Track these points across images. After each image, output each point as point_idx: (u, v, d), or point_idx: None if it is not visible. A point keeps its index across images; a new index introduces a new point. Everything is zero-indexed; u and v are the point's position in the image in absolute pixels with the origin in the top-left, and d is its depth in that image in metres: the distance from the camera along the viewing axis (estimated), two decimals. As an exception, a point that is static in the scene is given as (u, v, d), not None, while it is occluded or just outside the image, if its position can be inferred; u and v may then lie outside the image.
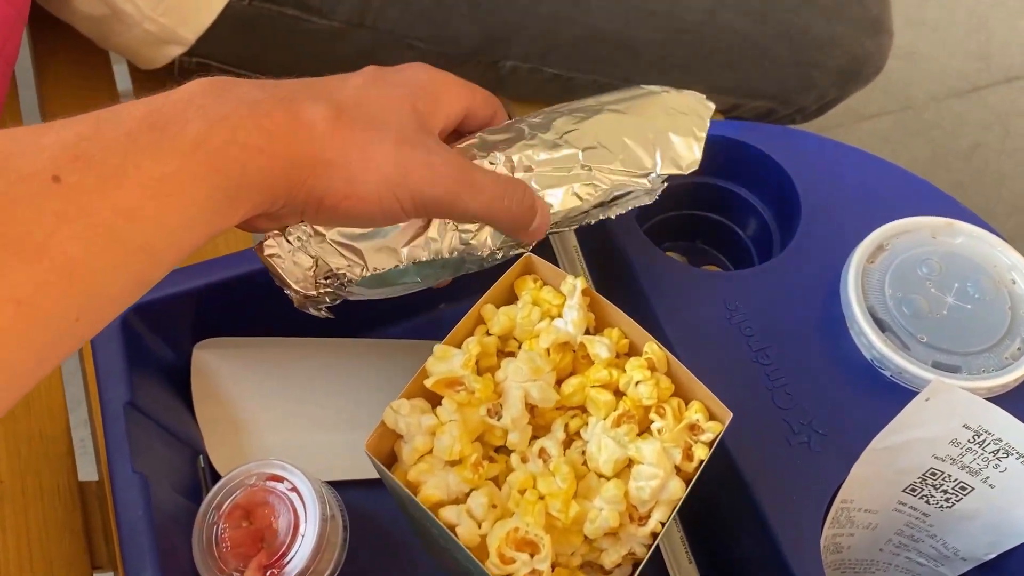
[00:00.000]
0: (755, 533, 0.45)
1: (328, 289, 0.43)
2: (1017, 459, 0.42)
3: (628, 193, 0.45)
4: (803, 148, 0.56)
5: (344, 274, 0.42)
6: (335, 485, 0.51)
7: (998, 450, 0.43)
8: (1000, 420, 0.42)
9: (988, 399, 0.47)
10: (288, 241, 0.42)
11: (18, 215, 0.27)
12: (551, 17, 0.63)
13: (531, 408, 0.35)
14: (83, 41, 0.68)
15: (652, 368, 0.35)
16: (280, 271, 0.43)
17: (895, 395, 0.47)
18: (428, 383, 0.34)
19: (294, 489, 0.46)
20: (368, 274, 0.42)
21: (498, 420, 0.33)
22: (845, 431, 0.46)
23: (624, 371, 0.35)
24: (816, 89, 0.70)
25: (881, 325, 0.48)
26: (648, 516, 0.33)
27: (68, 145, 0.29)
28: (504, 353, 0.37)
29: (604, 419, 0.34)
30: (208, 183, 0.32)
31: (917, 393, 0.46)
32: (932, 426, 0.43)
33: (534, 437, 0.35)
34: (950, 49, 1.50)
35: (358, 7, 0.62)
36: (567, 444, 0.35)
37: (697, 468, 0.34)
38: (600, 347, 0.35)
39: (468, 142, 0.44)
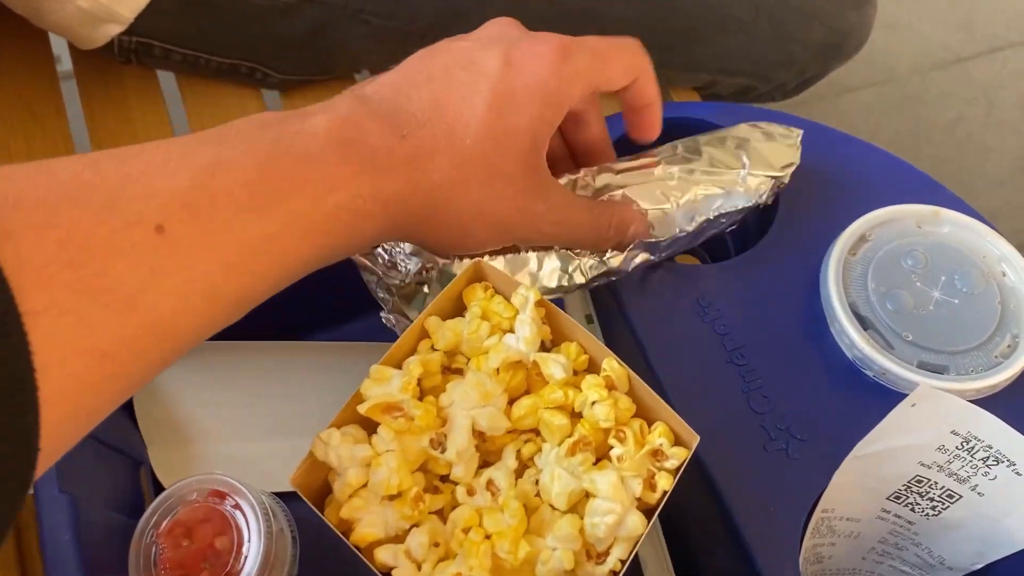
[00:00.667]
0: (730, 545, 0.42)
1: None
2: (1008, 467, 0.40)
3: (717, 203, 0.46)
4: (781, 131, 0.53)
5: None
6: (287, 496, 0.48)
7: (988, 457, 0.40)
8: (991, 426, 0.39)
9: (977, 400, 0.44)
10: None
11: (114, 267, 0.26)
12: None
13: (480, 434, 0.32)
14: (20, 20, 0.63)
15: (611, 387, 0.32)
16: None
17: (878, 396, 0.44)
18: (362, 409, 0.31)
19: (237, 506, 0.43)
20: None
21: (442, 452, 0.30)
22: (825, 436, 0.44)
23: (581, 390, 0.32)
24: (796, 65, 0.67)
25: (863, 323, 0.45)
26: (607, 553, 0.30)
27: (179, 192, 0.28)
28: (451, 370, 0.33)
29: (558, 445, 0.31)
30: (315, 243, 0.32)
31: (901, 394, 0.44)
32: (918, 433, 0.40)
33: (484, 464, 0.32)
34: (933, 19, 1.47)
35: None
36: (519, 473, 0.32)
37: (661, 499, 0.31)
38: (555, 366, 0.32)
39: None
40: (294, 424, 0.51)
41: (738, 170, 0.46)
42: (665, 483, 0.31)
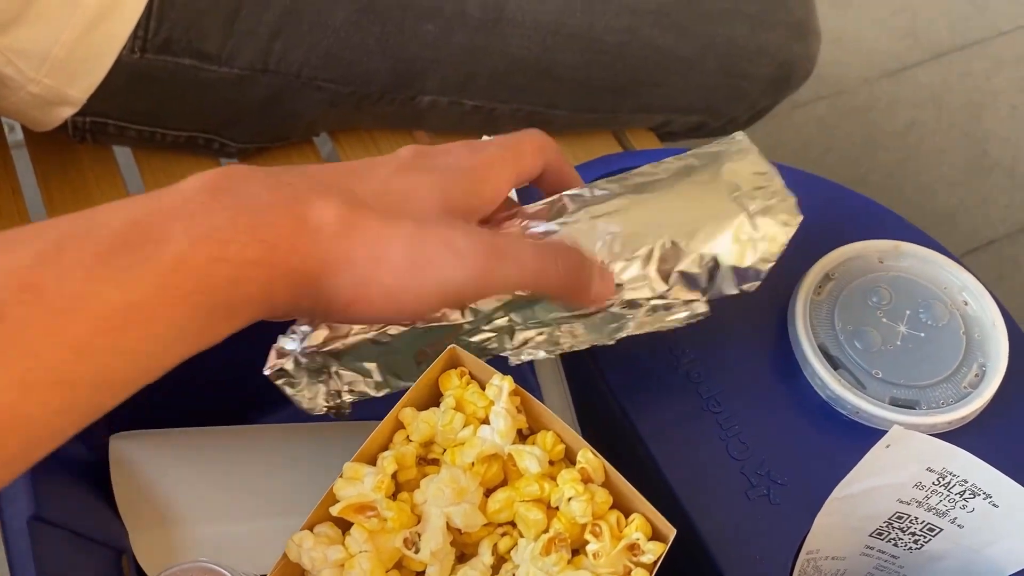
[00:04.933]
0: (719, 595, 0.43)
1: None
2: (984, 499, 0.40)
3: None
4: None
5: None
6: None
7: (964, 491, 0.41)
8: (963, 462, 0.40)
9: (950, 431, 0.45)
10: (300, 365, 0.39)
11: None
12: (465, 49, 0.60)
13: (456, 530, 0.32)
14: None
15: (587, 480, 0.32)
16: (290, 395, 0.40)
17: (854, 435, 0.45)
18: (335, 511, 0.31)
19: (222, 591, 0.43)
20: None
21: (416, 552, 0.30)
22: (805, 478, 0.44)
23: (556, 484, 0.32)
24: (747, 99, 0.68)
25: (834, 363, 0.45)
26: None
27: (20, 271, 0.26)
28: (427, 460, 0.33)
29: (535, 540, 0.31)
30: (188, 304, 0.28)
31: (877, 431, 0.44)
32: (894, 472, 0.41)
33: (461, 556, 0.32)
34: (878, 29, 1.50)
35: (260, 52, 0.58)
36: (496, 567, 0.32)
37: None
38: (530, 460, 0.32)
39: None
40: (277, 502, 0.51)
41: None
42: (641, 580, 0.31)
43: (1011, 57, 1.46)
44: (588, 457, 0.32)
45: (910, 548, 0.44)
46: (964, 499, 0.41)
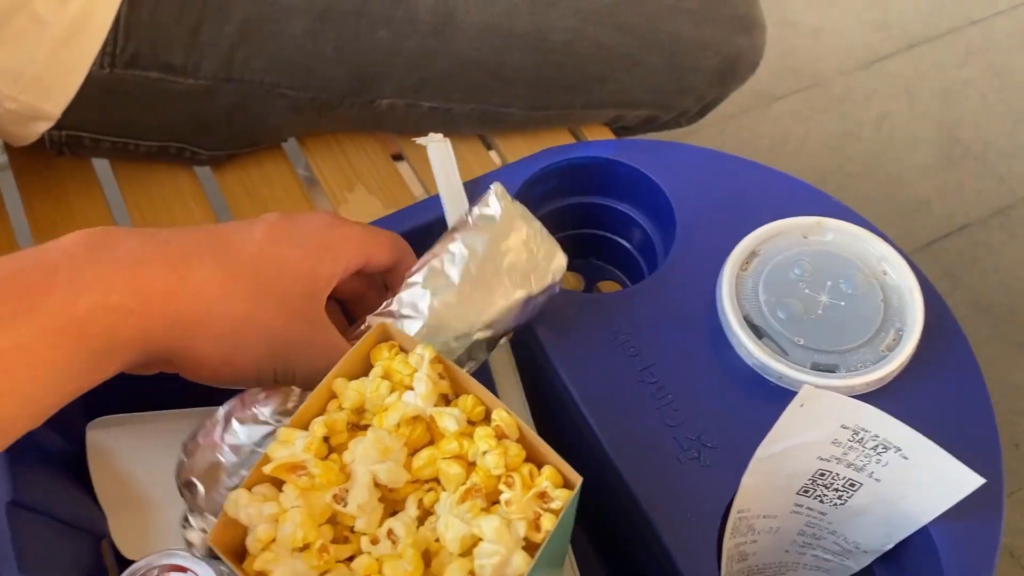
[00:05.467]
0: (653, 553, 0.45)
1: None
2: (896, 453, 0.43)
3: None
4: (676, 160, 0.57)
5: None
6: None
7: (877, 446, 0.43)
8: (874, 418, 0.42)
9: (870, 394, 0.48)
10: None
11: None
12: (418, 52, 0.63)
13: (383, 486, 0.34)
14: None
15: (501, 436, 0.35)
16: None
17: (781, 400, 0.47)
18: (267, 470, 0.34)
19: (197, 579, 0.45)
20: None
21: (344, 506, 0.33)
22: (734, 442, 0.47)
23: (474, 441, 0.35)
24: (694, 92, 0.71)
25: (758, 332, 0.48)
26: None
27: None
28: (359, 427, 0.36)
29: (455, 493, 0.34)
30: (70, 347, 0.32)
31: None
32: (811, 430, 0.44)
33: (392, 512, 0.35)
34: (852, 22, 1.53)
35: (223, 62, 0.62)
36: (422, 520, 0.34)
37: (544, 538, 0.33)
38: (448, 420, 0.35)
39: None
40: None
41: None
42: (548, 523, 0.33)
43: (982, 45, 1.49)
44: (502, 416, 0.35)
45: (835, 504, 0.46)
46: (878, 453, 0.43)
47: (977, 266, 1.25)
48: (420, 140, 0.52)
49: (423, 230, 0.51)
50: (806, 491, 0.46)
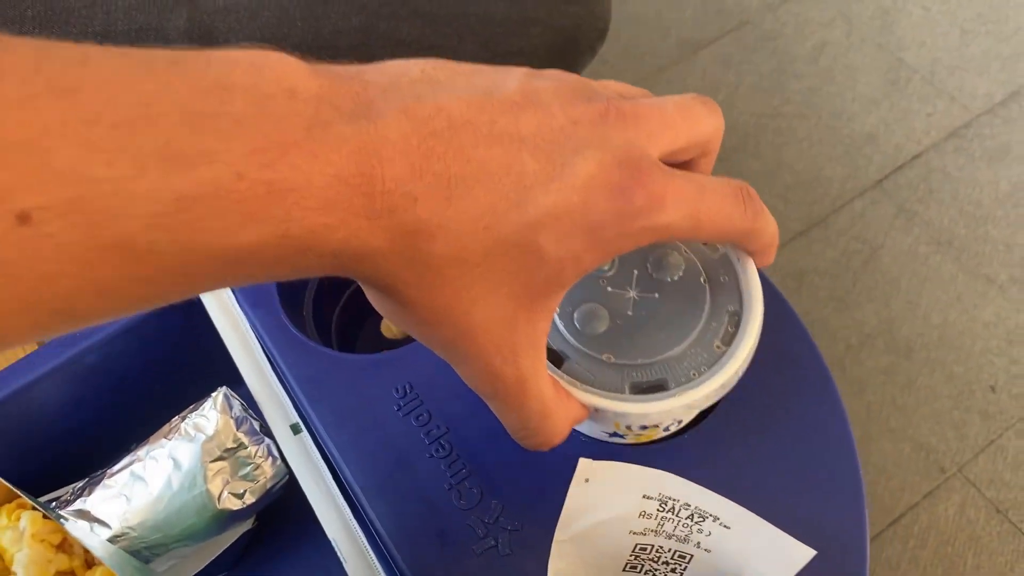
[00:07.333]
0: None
1: None
2: (715, 521, 0.35)
3: None
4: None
5: None
6: None
7: (692, 515, 0.35)
8: (677, 486, 0.34)
9: (722, 405, 0.39)
10: None
11: None
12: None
13: None
14: None
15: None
16: None
17: (597, 452, 0.39)
18: None
19: None
20: None
21: None
22: (538, 521, 0.38)
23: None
24: (530, 74, 0.61)
25: (558, 359, 0.36)
26: None
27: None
28: None
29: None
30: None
31: (624, 443, 0.38)
32: (611, 505, 0.35)
33: None
34: (773, -51, 1.42)
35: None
36: None
37: None
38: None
39: None
40: None
41: None
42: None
43: (918, -46, 1.38)
44: None
45: (672, 577, 0.38)
46: (696, 523, 0.35)
47: (934, 197, 1.15)
48: None
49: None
50: (633, 567, 0.38)
